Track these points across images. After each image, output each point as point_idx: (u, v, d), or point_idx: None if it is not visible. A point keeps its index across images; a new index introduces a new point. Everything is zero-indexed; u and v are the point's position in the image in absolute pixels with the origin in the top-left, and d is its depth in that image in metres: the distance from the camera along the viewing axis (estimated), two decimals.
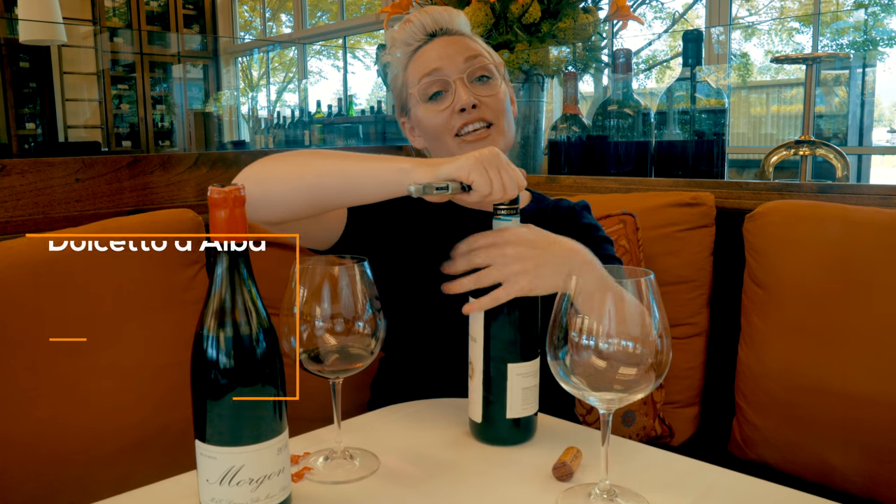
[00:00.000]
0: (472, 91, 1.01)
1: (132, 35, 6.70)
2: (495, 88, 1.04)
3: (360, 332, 0.73)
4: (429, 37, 1.06)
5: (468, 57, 1.03)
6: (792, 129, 3.67)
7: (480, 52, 1.04)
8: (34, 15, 3.48)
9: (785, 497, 0.69)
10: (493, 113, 1.03)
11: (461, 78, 1.01)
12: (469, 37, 1.08)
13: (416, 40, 1.06)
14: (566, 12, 1.71)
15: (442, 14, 1.06)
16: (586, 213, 1.12)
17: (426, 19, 1.05)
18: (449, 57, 1.02)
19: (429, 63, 1.03)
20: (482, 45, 1.08)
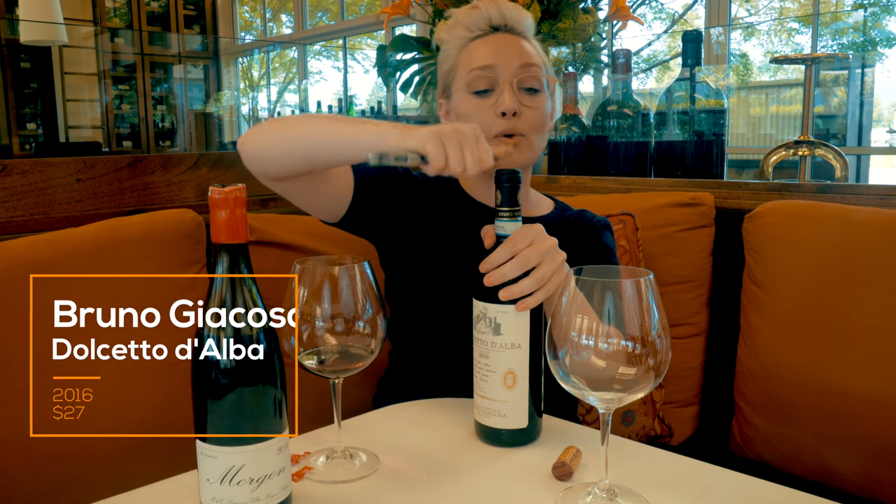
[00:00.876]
0: (517, 98, 1.00)
1: (133, 35, 6.70)
2: (539, 102, 1.02)
3: (360, 332, 0.73)
4: (492, 29, 1.04)
5: (524, 64, 1.01)
6: (791, 130, 3.67)
7: (536, 63, 1.03)
8: (35, 15, 3.48)
9: (784, 497, 0.69)
10: (530, 126, 1.01)
11: (511, 82, 1.00)
12: (530, 42, 1.06)
13: (478, 28, 1.04)
14: (566, 13, 1.71)
15: (511, 11, 1.04)
16: (608, 233, 1.11)
17: (493, 11, 1.03)
18: (506, 57, 1.01)
19: (484, 57, 1.02)
20: (541, 55, 1.06)
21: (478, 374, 0.79)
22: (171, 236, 1.10)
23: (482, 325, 0.78)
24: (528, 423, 0.79)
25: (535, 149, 1.04)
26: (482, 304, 0.78)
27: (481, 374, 0.79)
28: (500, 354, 0.77)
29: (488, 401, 0.79)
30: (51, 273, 0.98)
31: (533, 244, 0.78)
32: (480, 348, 0.79)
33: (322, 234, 1.29)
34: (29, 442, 0.93)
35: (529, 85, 1.02)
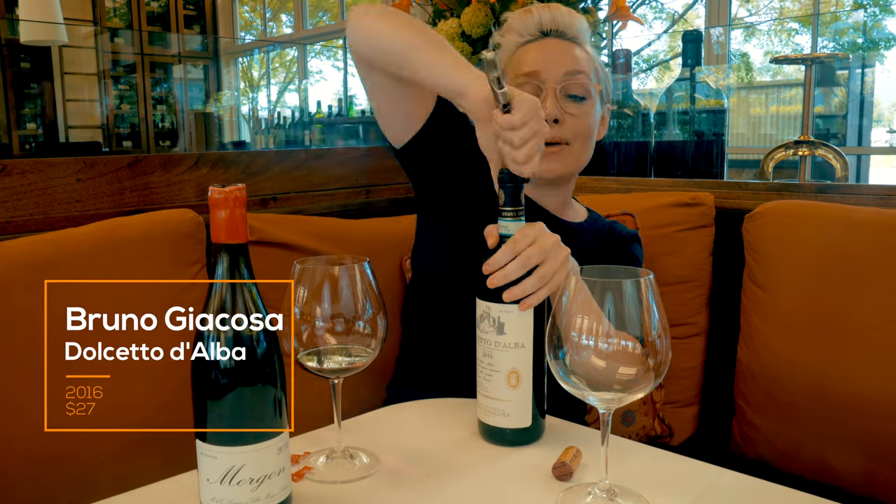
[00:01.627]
0: (560, 106, 0.99)
1: (133, 35, 6.70)
2: (584, 110, 1.01)
3: (361, 332, 0.73)
4: (542, 34, 1.03)
5: (569, 71, 1.00)
6: (791, 130, 3.67)
7: (583, 70, 1.01)
8: (35, 16, 3.48)
9: (784, 497, 0.69)
10: (573, 133, 1.00)
11: (555, 89, 0.99)
12: (582, 46, 1.04)
13: (528, 33, 1.03)
14: None
15: (563, 15, 1.03)
16: (637, 244, 1.11)
17: (545, 16, 1.02)
18: (552, 63, 1.00)
19: (530, 63, 1.01)
20: (593, 60, 1.05)
21: (481, 373, 0.79)
22: (171, 236, 1.10)
23: (486, 324, 0.78)
24: (531, 423, 0.79)
25: (580, 157, 1.02)
26: (485, 304, 0.78)
27: (485, 373, 0.79)
28: (503, 354, 0.77)
29: (492, 400, 0.79)
30: (50, 273, 0.98)
31: (535, 242, 0.78)
32: (484, 347, 0.78)
33: (322, 234, 1.29)
34: (29, 442, 0.93)
35: (574, 92, 1.00)
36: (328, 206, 1.53)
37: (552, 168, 0.99)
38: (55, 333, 0.96)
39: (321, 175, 1.57)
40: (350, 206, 1.55)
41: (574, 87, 1.00)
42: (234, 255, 0.61)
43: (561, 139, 0.99)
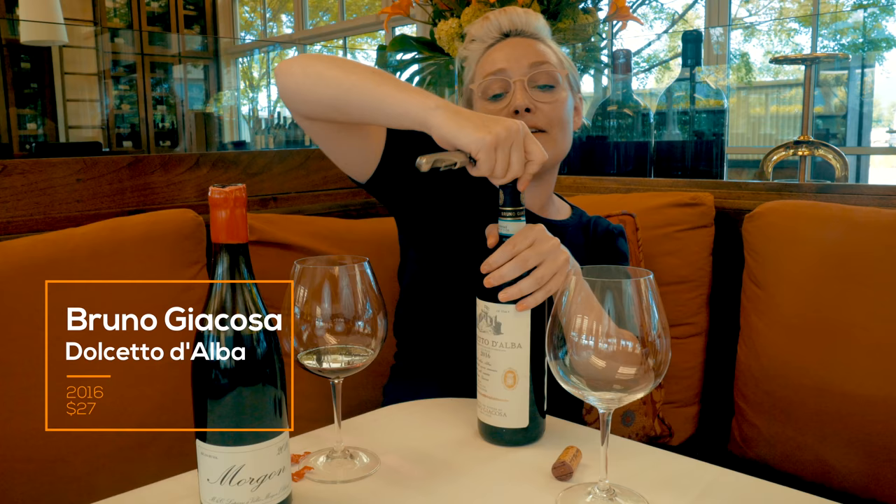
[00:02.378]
0: (530, 95, 1.01)
1: (133, 36, 6.70)
2: (556, 97, 1.03)
3: (361, 332, 0.73)
4: (503, 36, 1.07)
5: (534, 62, 1.02)
6: (791, 130, 3.67)
7: (547, 59, 1.04)
8: (35, 16, 3.48)
9: (784, 497, 0.69)
10: (547, 120, 1.01)
11: (522, 81, 1.01)
12: (543, 41, 1.07)
13: (490, 38, 1.07)
14: (566, 13, 1.71)
15: (520, 15, 1.06)
16: (622, 239, 1.13)
17: (503, 19, 1.06)
18: (515, 59, 1.03)
19: (495, 62, 1.04)
20: (554, 52, 1.07)
21: (480, 372, 0.79)
22: (171, 236, 1.10)
23: (484, 323, 0.78)
24: (528, 423, 0.79)
25: (559, 143, 1.03)
26: (483, 304, 0.78)
27: (483, 372, 0.79)
28: (500, 354, 0.77)
29: (490, 399, 0.79)
30: (50, 273, 0.98)
31: (533, 245, 0.78)
32: (482, 347, 0.79)
33: (322, 234, 1.29)
34: (29, 442, 0.93)
35: (542, 82, 1.02)
36: (328, 206, 1.53)
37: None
38: (56, 333, 0.96)
39: (321, 175, 1.57)
40: (350, 206, 1.55)
41: (541, 77, 1.02)
42: (234, 255, 0.61)
43: (536, 126, 1.00)
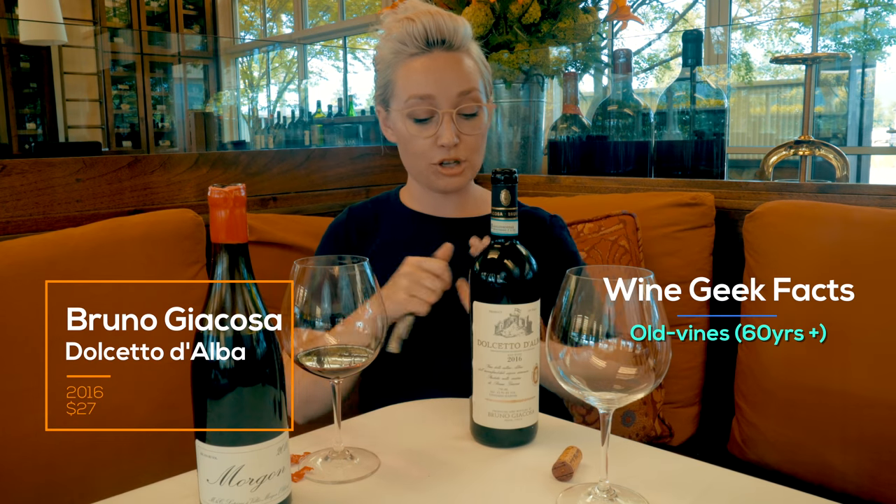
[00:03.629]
0: (457, 128, 1.02)
1: (132, 35, 6.70)
2: (478, 125, 1.04)
3: (360, 332, 0.73)
4: (427, 46, 1.01)
5: (462, 91, 1.01)
6: (791, 130, 3.67)
7: (474, 86, 1.02)
8: (34, 15, 3.48)
9: (784, 497, 0.69)
10: (469, 151, 1.04)
11: (450, 113, 1.01)
12: (467, 50, 1.04)
13: (414, 46, 1.01)
14: (566, 12, 1.71)
15: (447, 22, 1.01)
16: (564, 231, 1.13)
17: (430, 25, 1.00)
18: (444, 85, 1.00)
19: (422, 84, 1.01)
20: (478, 65, 1.05)
21: (505, 381, 0.77)
22: (171, 236, 1.10)
23: (512, 328, 0.77)
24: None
25: (475, 166, 1.07)
26: (513, 307, 0.76)
27: (511, 379, 0.77)
28: (530, 352, 0.77)
29: (521, 403, 0.78)
30: (50, 273, 0.97)
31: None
32: (510, 353, 0.77)
33: (322, 234, 1.29)
34: (29, 442, 0.93)
35: (467, 112, 1.02)
36: (328, 206, 1.53)
37: (452, 183, 1.05)
38: (56, 333, 0.96)
39: (321, 175, 1.57)
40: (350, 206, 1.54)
41: (468, 106, 1.02)
42: (234, 255, 0.61)
43: (458, 158, 1.03)
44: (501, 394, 0.77)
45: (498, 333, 0.77)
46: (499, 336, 0.77)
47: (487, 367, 0.77)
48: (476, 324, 0.78)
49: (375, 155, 1.69)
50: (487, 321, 0.77)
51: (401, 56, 1.02)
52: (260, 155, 1.50)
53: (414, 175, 1.09)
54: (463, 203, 1.11)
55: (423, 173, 1.06)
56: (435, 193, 1.09)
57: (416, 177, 1.09)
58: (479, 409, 0.79)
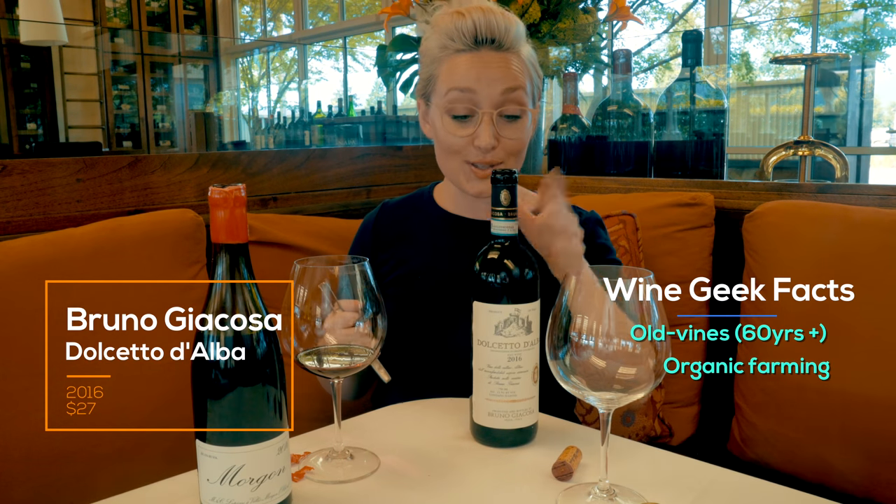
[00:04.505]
0: (496, 130, 0.97)
1: (133, 36, 6.70)
2: (520, 130, 0.99)
3: (360, 332, 0.73)
4: (476, 44, 0.97)
5: (506, 89, 0.96)
6: (791, 130, 3.67)
7: (520, 84, 0.97)
8: (35, 16, 3.48)
9: (784, 497, 0.69)
10: (507, 154, 0.99)
11: (490, 113, 0.96)
12: (518, 52, 0.99)
13: (461, 42, 0.97)
14: (566, 13, 1.71)
15: (499, 20, 0.96)
16: (600, 228, 1.09)
17: (480, 22, 0.96)
18: (488, 82, 0.96)
19: (465, 78, 0.96)
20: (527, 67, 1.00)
21: (505, 381, 0.77)
22: (171, 236, 1.10)
23: (512, 328, 0.77)
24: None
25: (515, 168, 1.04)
26: (513, 307, 0.76)
27: (511, 378, 0.77)
28: (530, 352, 0.77)
29: (521, 403, 0.78)
30: (50, 273, 0.98)
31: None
32: (510, 353, 0.77)
33: (322, 234, 1.29)
34: (29, 442, 0.93)
35: (510, 112, 0.97)
36: (328, 206, 1.53)
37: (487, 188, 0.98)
38: (56, 333, 0.96)
39: (321, 175, 1.57)
40: (350, 206, 1.55)
41: (511, 108, 0.97)
42: (234, 255, 0.61)
43: (494, 162, 0.98)
44: (501, 394, 0.77)
45: (498, 333, 0.77)
46: (499, 336, 0.76)
47: (487, 367, 0.77)
48: (476, 324, 0.78)
49: (375, 155, 1.69)
50: (487, 321, 0.77)
51: (447, 51, 0.98)
52: (260, 155, 1.50)
53: (446, 173, 1.05)
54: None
55: (455, 172, 1.01)
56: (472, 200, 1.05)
57: (447, 175, 1.05)
58: (479, 409, 0.79)
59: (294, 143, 5.18)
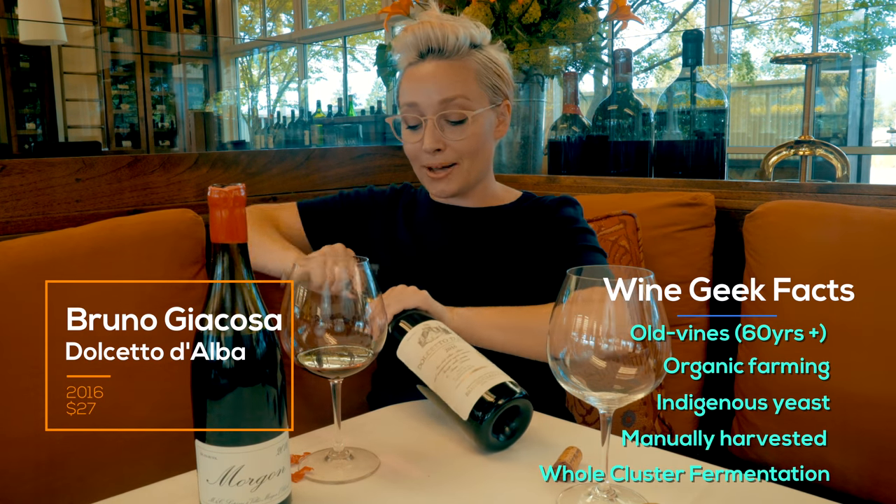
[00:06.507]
0: (440, 135, 1.05)
1: (132, 35, 6.69)
2: (466, 132, 1.05)
3: (360, 332, 0.73)
4: (420, 57, 1.06)
5: (444, 99, 1.03)
6: (792, 130, 3.67)
7: (459, 93, 1.03)
8: (34, 15, 3.48)
9: (784, 497, 0.69)
10: (459, 154, 1.06)
11: (433, 119, 1.04)
12: (462, 60, 1.05)
13: (408, 57, 1.07)
14: (566, 12, 1.71)
15: (436, 33, 1.03)
16: (569, 208, 1.12)
17: (420, 36, 1.04)
18: (426, 93, 1.04)
19: (407, 93, 1.06)
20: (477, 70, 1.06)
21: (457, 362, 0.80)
22: (170, 236, 1.10)
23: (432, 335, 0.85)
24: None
25: (470, 171, 1.09)
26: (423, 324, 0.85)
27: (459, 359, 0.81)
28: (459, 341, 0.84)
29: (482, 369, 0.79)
30: (50, 273, 0.97)
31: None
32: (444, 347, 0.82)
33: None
34: (29, 442, 0.93)
35: (453, 119, 1.05)
36: None
37: (445, 188, 1.08)
38: (56, 333, 0.96)
39: (321, 175, 1.57)
40: None
41: (451, 114, 1.04)
42: (234, 255, 0.61)
43: (445, 162, 1.06)
44: (462, 373, 0.79)
45: (424, 344, 0.82)
46: (426, 346, 0.82)
47: (437, 370, 0.80)
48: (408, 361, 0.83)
49: (375, 155, 1.69)
50: (411, 348, 0.83)
51: (402, 65, 1.09)
52: (260, 155, 1.50)
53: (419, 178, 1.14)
54: (479, 200, 1.14)
55: (420, 177, 1.12)
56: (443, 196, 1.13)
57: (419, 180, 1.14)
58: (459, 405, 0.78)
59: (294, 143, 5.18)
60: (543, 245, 1.06)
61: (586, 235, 1.07)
